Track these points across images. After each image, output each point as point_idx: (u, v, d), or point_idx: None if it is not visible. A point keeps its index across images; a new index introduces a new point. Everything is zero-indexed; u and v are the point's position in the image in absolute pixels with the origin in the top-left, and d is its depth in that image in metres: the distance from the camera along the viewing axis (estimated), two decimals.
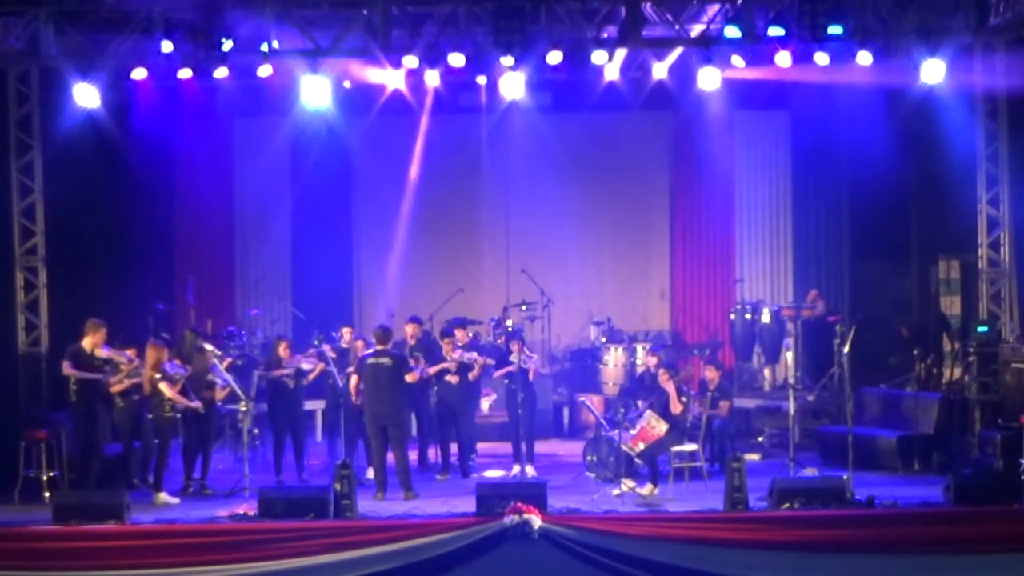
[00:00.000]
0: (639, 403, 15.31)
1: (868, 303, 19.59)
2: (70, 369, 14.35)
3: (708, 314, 20.38)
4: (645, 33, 15.86)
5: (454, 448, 15.93)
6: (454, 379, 15.64)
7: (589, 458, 15.37)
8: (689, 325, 20.41)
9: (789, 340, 18.42)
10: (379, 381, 14.62)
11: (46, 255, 16.41)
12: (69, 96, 15.74)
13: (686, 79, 17.04)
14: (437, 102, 18.76)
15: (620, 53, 16.68)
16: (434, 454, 16.13)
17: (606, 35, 16.05)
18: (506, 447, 16.05)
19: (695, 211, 20.49)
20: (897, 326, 18.94)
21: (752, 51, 15.85)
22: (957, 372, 16.75)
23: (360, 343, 15.89)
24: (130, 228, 18.73)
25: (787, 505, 13.22)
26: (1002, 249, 16.52)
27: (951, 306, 18.74)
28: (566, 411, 18.78)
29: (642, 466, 14.67)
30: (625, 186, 20.44)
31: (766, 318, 18.44)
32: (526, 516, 12.84)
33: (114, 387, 14.61)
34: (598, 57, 16.04)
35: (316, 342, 16.04)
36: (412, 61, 16.08)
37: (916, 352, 17.66)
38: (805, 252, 20.32)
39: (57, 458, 14.83)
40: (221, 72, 15.43)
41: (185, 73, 15.56)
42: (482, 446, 16.67)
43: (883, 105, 17.44)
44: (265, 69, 15.55)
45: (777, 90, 18.25)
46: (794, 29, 15.06)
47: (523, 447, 15.56)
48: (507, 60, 15.61)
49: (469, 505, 13.35)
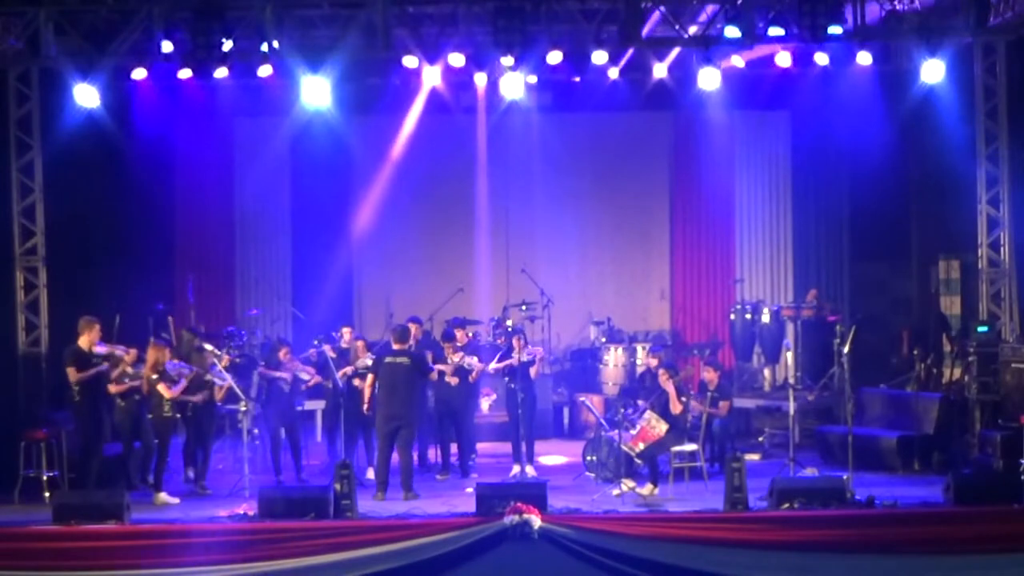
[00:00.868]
0: (639, 402, 15.30)
1: (868, 303, 19.58)
2: (78, 374, 14.36)
3: (708, 314, 20.38)
4: (645, 33, 15.87)
5: (454, 448, 15.94)
6: (454, 380, 15.64)
7: (589, 458, 15.37)
8: (689, 325, 20.40)
9: (789, 340, 18.41)
10: (396, 381, 14.58)
11: (46, 255, 16.41)
12: (69, 96, 15.77)
13: (686, 79, 17.04)
14: (437, 102, 18.74)
15: (620, 53, 16.67)
16: (434, 454, 16.12)
17: (606, 35, 16.06)
18: (506, 447, 16.04)
19: (695, 211, 20.48)
20: (900, 327, 18.95)
21: (752, 51, 15.85)
22: (957, 372, 16.75)
23: (360, 343, 15.88)
24: (130, 228, 18.72)
25: (787, 505, 13.22)
26: (1002, 249, 16.50)
27: (951, 306, 18.73)
28: (566, 411, 18.76)
29: (642, 466, 14.66)
30: (625, 186, 20.42)
31: (766, 318, 18.44)
32: (526, 516, 12.83)
33: (114, 388, 14.62)
34: (598, 57, 16.08)
35: (316, 342, 16.06)
36: (412, 61, 16.11)
37: (916, 352, 17.68)
38: (805, 252, 20.32)
39: (57, 458, 14.83)
40: (221, 72, 15.44)
41: (185, 73, 15.58)
42: (482, 446, 16.66)
43: (883, 105, 17.44)
44: (265, 69, 15.56)
45: (777, 90, 18.25)
46: (794, 29, 15.09)
47: (523, 447, 15.55)
48: (507, 60, 15.65)
49: (469, 505, 13.35)
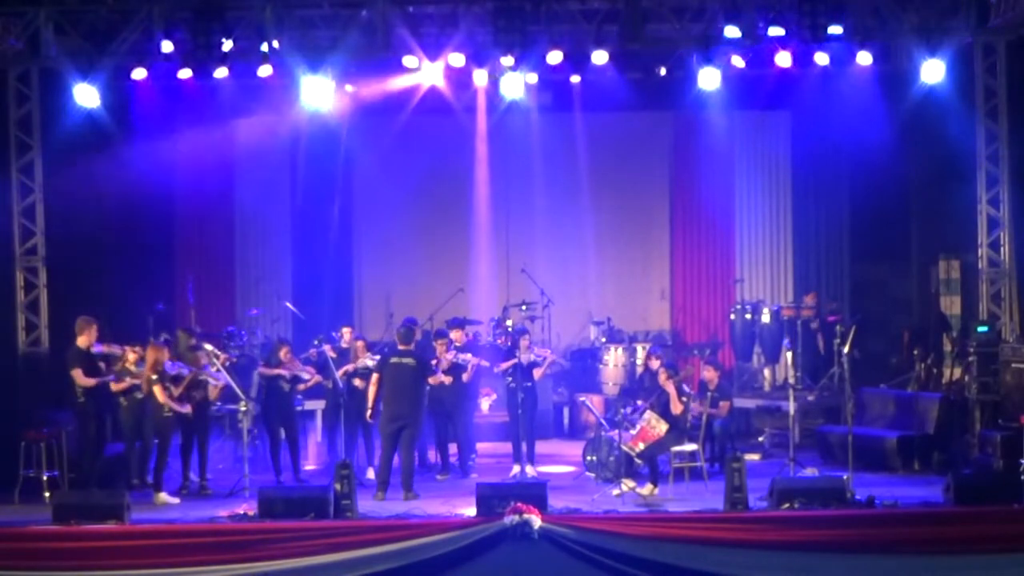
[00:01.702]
0: (639, 402, 15.30)
1: (868, 303, 19.58)
2: (84, 378, 14.38)
3: (708, 314, 20.39)
4: (645, 32, 15.85)
5: (453, 448, 15.92)
6: (447, 379, 15.54)
7: (589, 458, 15.37)
8: (689, 325, 20.41)
9: (788, 340, 18.41)
10: (401, 381, 14.56)
11: (46, 255, 16.40)
12: (69, 96, 15.78)
13: (686, 79, 17.04)
14: (437, 102, 18.72)
15: (620, 53, 16.67)
16: (434, 454, 16.12)
17: (606, 35, 16.05)
18: (506, 447, 16.05)
19: (695, 211, 20.48)
20: (901, 328, 18.94)
21: (752, 51, 15.85)
22: (957, 372, 16.75)
23: (360, 343, 15.89)
24: (130, 228, 18.69)
25: (787, 505, 13.22)
26: (1002, 249, 16.48)
27: (951, 306, 18.72)
28: (566, 411, 18.76)
29: (642, 466, 14.67)
30: (625, 186, 20.41)
31: (766, 318, 18.44)
32: (526, 516, 12.81)
33: (116, 386, 14.61)
34: (598, 57, 16.05)
35: (316, 342, 16.05)
36: (412, 61, 16.10)
37: (916, 352, 17.67)
38: (805, 252, 20.32)
39: (57, 458, 14.83)
40: (221, 72, 15.45)
41: (185, 73, 15.59)
42: (482, 446, 16.66)
43: (883, 105, 17.42)
44: (265, 69, 15.57)
45: (777, 90, 18.23)
46: (794, 29, 15.09)
47: (523, 447, 15.54)
48: (507, 60, 15.67)
49: (469, 505, 13.35)
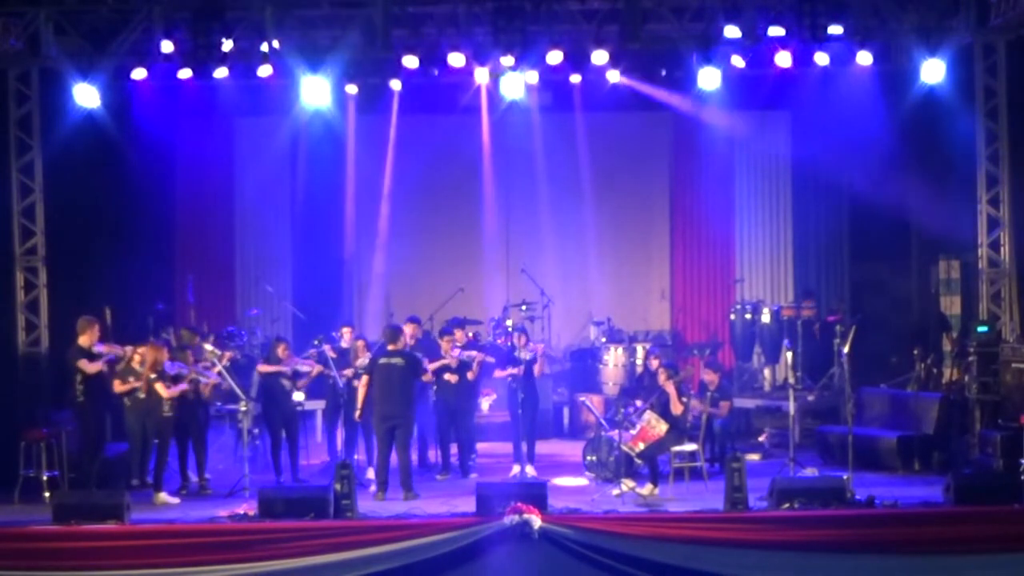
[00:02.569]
0: (639, 402, 15.30)
1: (868, 303, 19.58)
2: (90, 365, 14.34)
3: (708, 314, 20.39)
4: (645, 32, 15.85)
5: (454, 448, 15.93)
6: (453, 378, 15.58)
7: (589, 458, 15.37)
8: (689, 325, 20.41)
9: (788, 340, 18.41)
10: (391, 381, 14.52)
11: (46, 255, 16.39)
12: (69, 96, 15.79)
13: (686, 79, 17.04)
14: (437, 102, 18.73)
15: (620, 53, 16.66)
16: (434, 454, 16.11)
17: (606, 35, 16.05)
18: (506, 447, 16.04)
19: (695, 211, 20.49)
20: (900, 327, 18.93)
21: (752, 51, 15.85)
22: (957, 372, 16.75)
23: (360, 343, 15.88)
24: (130, 228, 18.70)
25: (787, 505, 13.21)
26: (1002, 249, 16.47)
27: (951, 306, 18.73)
28: (566, 411, 18.75)
29: (642, 466, 14.66)
30: (625, 186, 20.42)
31: (766, 318, 18.44)
32: (526, 516, 12.81)
33: (119, 387, 14.62)
34: (598, 57, 16.05)
35: (316, 342, 16.05)
36: (412, 61, 16.10)
37: (916, 352, 17.67)
38: (805, 252, 20.33)
39: (57, 458, 14.83)
40: (221, 72, 15.45)
41: (185, 73, 15.59)
42: (482, 446, 16.65)
43: (883, 105, 17.43)
44: (265, 69, 15.58)
45: (777, 90, 18.23)
46: (794, 29, 15.09)
47: (523, 447, 15.54)
48: (507, 60, 15.67)
49: (469, 505, 13.34)
